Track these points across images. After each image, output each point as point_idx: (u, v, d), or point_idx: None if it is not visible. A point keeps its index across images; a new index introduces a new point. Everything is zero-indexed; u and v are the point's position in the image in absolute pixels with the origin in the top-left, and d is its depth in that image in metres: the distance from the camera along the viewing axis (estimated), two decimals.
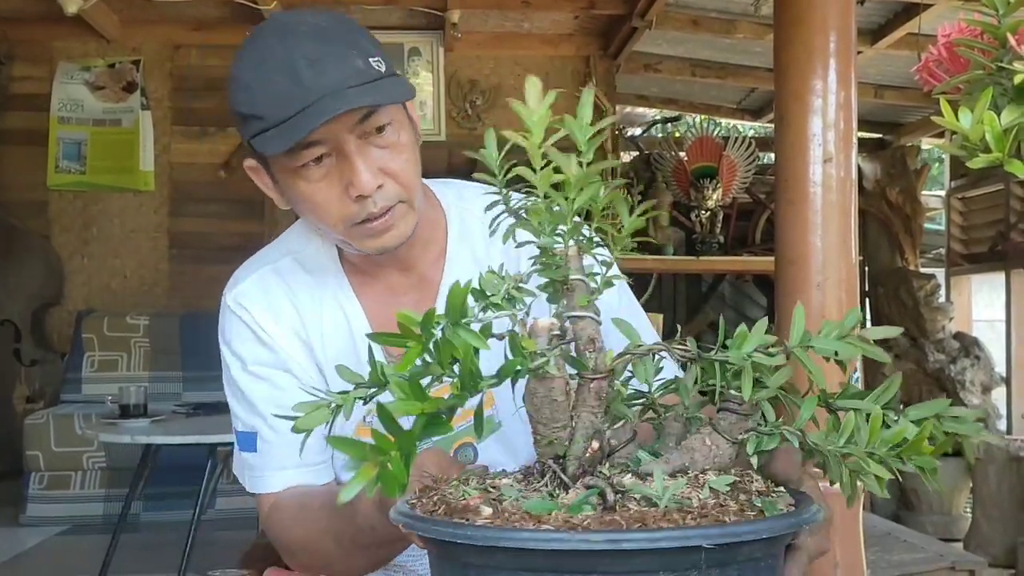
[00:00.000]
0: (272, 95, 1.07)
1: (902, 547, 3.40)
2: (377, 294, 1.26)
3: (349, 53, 1.09)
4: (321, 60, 1.07)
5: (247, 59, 1.11)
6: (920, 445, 0.75)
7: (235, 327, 1.25)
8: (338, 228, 1.15)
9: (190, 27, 5.36)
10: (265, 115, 1.08)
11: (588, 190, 0.81)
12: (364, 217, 1.13)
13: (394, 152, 1.13)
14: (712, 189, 5.53)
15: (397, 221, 1.15)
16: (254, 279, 1.27)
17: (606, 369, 0.81)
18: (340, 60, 1.08)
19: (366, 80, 1.08)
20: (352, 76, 1.07)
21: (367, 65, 1.09)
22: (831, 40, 2.19)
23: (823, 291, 2.19)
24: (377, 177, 1.11)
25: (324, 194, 1.12)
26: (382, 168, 1.12)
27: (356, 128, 1.10)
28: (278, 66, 1.07)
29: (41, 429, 4.49)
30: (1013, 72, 0.63)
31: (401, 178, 1.14)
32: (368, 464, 0.61)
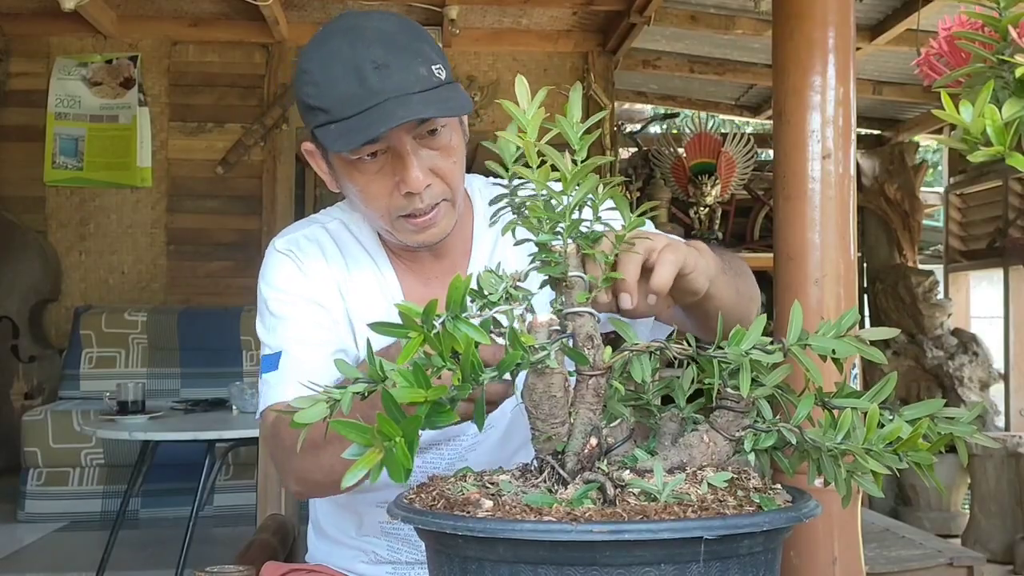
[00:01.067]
0: (339, 93, 1.13)
1: (900, 543, 3.41)
2: (412, 278, 1.32)
3: (414, 60, 1.15)
4: (387, 65, 1.13)
5: (316, 55, 1.17)
6: (915, 443, 0.76)
7: (280, 263, 1.30)
8: (384, 218, 1.22)
9: (187, 23, 5.35)
10: (331, 110, 1.14)
11: (584, 186, 0.81)
12: (410, 212, 1.19)
13: (445, 154, 1.20)
14: (711, 185, 5.53)
15: (440, 219, 1.22)
16: (306, 232, 1.33)
17: (604, 366, 0.81)
18: (405, 66, 1.14)
19: (428, 87, 1.15)
20: (415, 82, 1.14)
21: (430, 72, 1.16)
22: (830, 36, 2.19)
23: (821, 287, 2.19)
24: (427, 176, 1.18)
25: (376, 187, 1.19)
26: (432, 168, 1.19)
27: (414, 131, 1.17)
28: (346, 67, 1.13)
29: (39, 425, 4.49)
30: (1014, 65, 0.62)
31: (449, 179, 1.21)
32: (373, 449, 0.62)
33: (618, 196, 0.86)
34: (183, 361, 4.81)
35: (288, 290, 1.29)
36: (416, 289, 1.31)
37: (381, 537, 1.34)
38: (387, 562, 1.34)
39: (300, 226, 1.36)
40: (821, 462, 0.80)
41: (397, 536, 1.33)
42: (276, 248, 1.32)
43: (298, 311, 1.27)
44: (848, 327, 0.82)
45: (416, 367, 0.69)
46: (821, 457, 0.80)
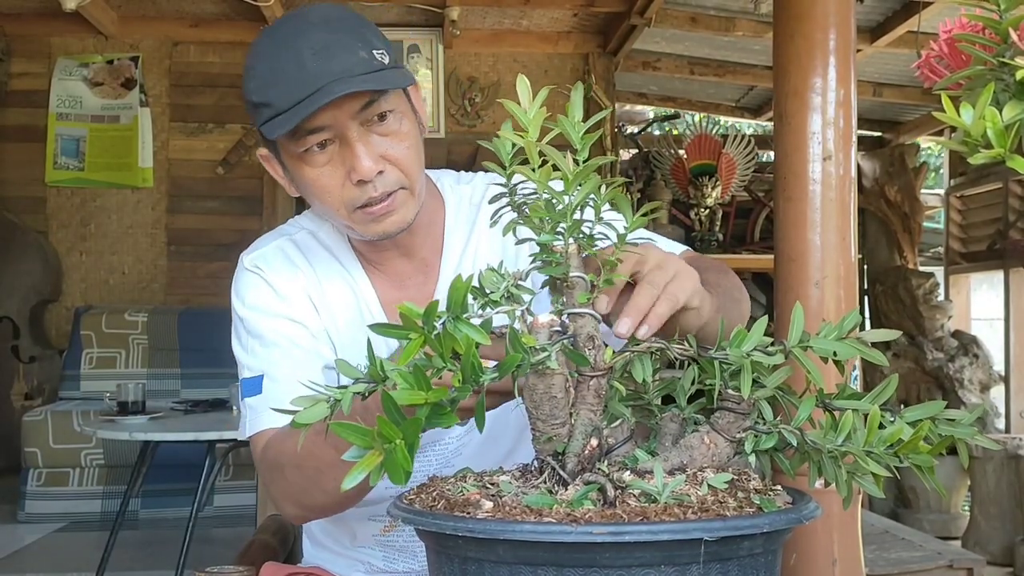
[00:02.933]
0: (280, 83, 1.12)
1: (900, 545, 3.40)
2: (385, 280, 1.30)
3: (354, 44, 1.13)
4: (327, 48, 1.11)
5: (259, 50, 1.16)
6: (916, 445, 0.76)
7: (250, 282, 1.28)
8: (341, 212, 1.19)
9: (188, 23, 5.36)
10: (273, 102, 1.12)
11: (586, 186, 0.81)
12: (365, 201, 1.16)
13: (395, 139, 1.17)
14: (711, 187, 5.53)
15: (398, 207, 1.19)
16: (273, 246, 1.31)
17: (605, 366, 0.81)
18: (345, 49, 1.12)
19: (369, 70, 1.13)
20: (356, 65, 1.12)
21: (371, 56, 1.14)
22: (831, 38, 2.19)
23: (822, 289, 2.19)
24: (378, 163, 1.15)
25: (327, 179, 1.17)
26: (383, 154, 1.16)
27: (358, 115, 1.14)
28: (287, 56, 1.12)
29: (39, 426, 4.49)
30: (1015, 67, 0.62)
31: (402, 164, 1.17)
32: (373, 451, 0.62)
33: (620, 197, 0.86)
34: (183, 361, 4.81)
35: (263, 308, 1.26)
36: (390, 292, 1.29)
37: (376, 548, 1.33)
38: (383, 572, 1.34)
39: (267, 240, 1.33)
40: (822, 463, 0.80)
41: (393, 546, 1.32)
42: (245, 266, 1.29)
43: (275, 330, 1.25)
44: (849, 329, 0.82)
45: (416, 368, 0.69)
46: (822, 459, 0.80)
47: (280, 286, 1.27)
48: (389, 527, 1.29)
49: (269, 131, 1.13)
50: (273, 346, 1.24)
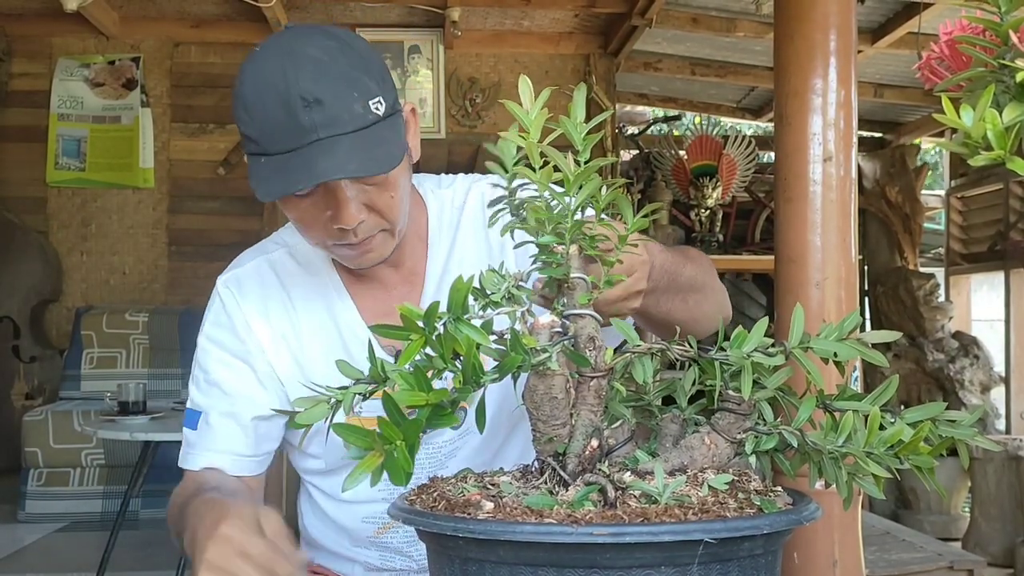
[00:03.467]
0: (268, 125, 1.08)
1: (901, 546, 3.40)
2: (370, 291, 1.29)
3: (348, 94, 1.08)
4: (319, 101, 1.06)
5: (250, 79, 1.11)
6: (916, 446, 0.76)
7: (215, 310, 1.30)
8: (319, 244, 1.19)
9: (189, 24, 5.36)
10: (260, 141, 1.10)
11: (587, 187, 0.81)
12: (345, 241, 1.16)
13: (381, 189, 1.14)
14: (712, 188, 5.53)
15: (376, 246, 1.18)
16: (249, 268, 1.31)
17: (606, 367, 0.81)
18: (337, 99, 1.07)
19: (361, 126, 1.08)
20: (348, 121, 1.08)
21: (365, 108, 1.09)
22: (831, 39, 2.19)
23: (823, 290, 2.19)
24: (360, 212, 1.14)
25: (309, 217, 1.15)
26: (367, 203, 1.14)
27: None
28: (276, 97, 1.07)
29: (40, 426, 4.49)
30: (1015, 69, 0.62)
31: (386, 213, 1.16)
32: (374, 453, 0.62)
33: (621, 198, 0.86)
34: (184, 362, 4.81)
35: (217, 343, 1.28)
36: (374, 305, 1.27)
37: (372, 548, 1.34)
38: (380, 569, 1.34)
39: (246, 258, 1.33)
40: (822, 464, 0.80)
41: (388, 547, 1.33)
42: (218, 288, 1.30)
43: (219, 372, 1.27)
44: (850, 330, 0.82)
45: (417, 369, 0.69)
46: (822, 460, 0.80)
47: (240, 321, 1.27)
48: (383, 529, 1.29)
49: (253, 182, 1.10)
50: (214, 386, 1.27)
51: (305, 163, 1.06)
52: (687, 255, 1.17)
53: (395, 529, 1.29)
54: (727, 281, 6.13)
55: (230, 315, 1.28)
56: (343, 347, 1.26)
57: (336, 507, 1.34)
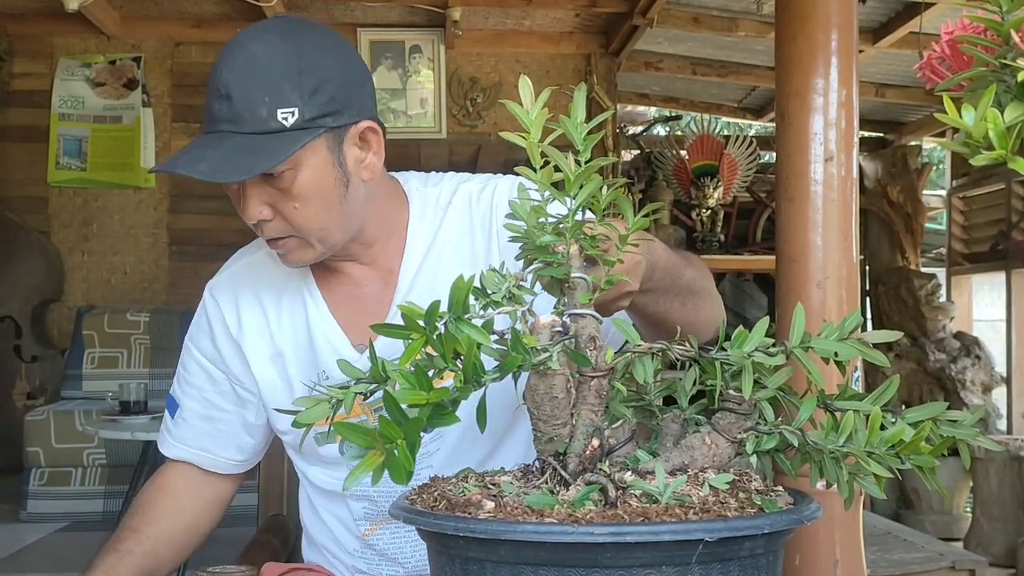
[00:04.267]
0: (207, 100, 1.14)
1: (902, 546, 3.40)
2: (341, 286, 1.30)
3: (259, 98, 1.10)
4: (229, 97, 1.10)
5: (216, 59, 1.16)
6: (917, 446, 0.76)
7: (199, 314, 1.36)
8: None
9: (190, 24, 5.36)
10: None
11: (588, 187, 0.81)
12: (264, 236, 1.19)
13: (287, 195, 1.14)
14: (713, 188, 5.53)
15: (292, 250, 1.20)
16: (228, 273, 1.36)
17: (606, 367, 0.81)
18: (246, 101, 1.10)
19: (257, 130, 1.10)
20: (249, 122, 1.10)
21: (271, 115, 1.10)
22: (833, 38, 2.19)
23: (824, 290, 2.18)
24: (262, 212, 1.15)
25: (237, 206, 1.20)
26: (271, 204, 1.16)
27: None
28: (210, 80, 1.13)
29: (41, 425, 4.49)
30: (1016, 69, 0.62)
31: (294, 221, 1.16)
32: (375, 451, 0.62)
33: (622, 198, 0.86)
34: None
35: (196, 346, 1.36)
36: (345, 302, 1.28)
37: (360, 551, 1.34)
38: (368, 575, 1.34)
39: (231, 261, 1.39)
40: (823, 464, 0.80)
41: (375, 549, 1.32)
42: (205, 292, 1.36)
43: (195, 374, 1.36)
44: (851, 330, 0.82)
45: (418, 368, 0.69)
46: (823, 459, 0.80)
47: (218, 329, 1.33)
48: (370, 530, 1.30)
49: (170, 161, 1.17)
50: (192, 387, 1.37)
51: (197, 148, 1.12)
52: (688, 259, 1.17)
53: (383, 530, 1.29)
54: (728, 281, 6.15)
55: (210, 322, 1.34)
56: (310, 345, 1.28)
57: (328, 501, 1.35)
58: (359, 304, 1.27)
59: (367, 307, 1.27)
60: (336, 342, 1.27)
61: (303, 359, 1.29)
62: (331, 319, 1.28)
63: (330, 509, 1.35)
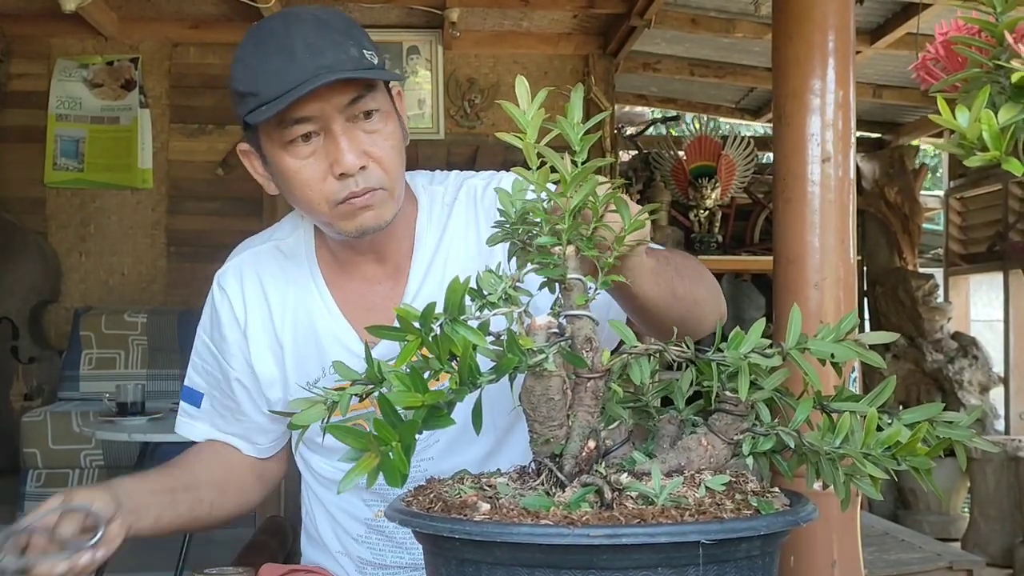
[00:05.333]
0: (268, 72, 1.13)
1: (900, 547, 3.40)
2: (351, 283, 1.30)
3: (345, 42, 1.15)
4: (317, 44, 1.13)
5: (249, 41, 1.17)
6: (914, 447, 0.76)
7: (209, 304, 1.37)
8: (321, 207, 1.19)
9: (188, 25, 5.35)
10: (260, 91, 1.13)
11: (584, 187, 0.81)
12: (345, 196, 1.17)
13: (379, 138, 1.18)
14: (711, 188, 5.53)
15: (376, 204, 1.19)
16: (237, 262, 1.37)
17: (603, 368, 0.81)
18: (335, 46, 1.14)
19: (359, 67, 1.14)
20: (347, 61, 1.13)
21: (361, 55, 1.15)
22: (830, 39, 2.19)
23: (821, 290, 2.19)
24: (361, 158, 1.16)
25: (309, 171, 1.17)
26: (367, 151, 1.17)
27: (345, 109, 1.15)
28: (277, 47, 1.13)
29: (38, 427, 4.48)
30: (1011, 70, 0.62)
31: (384, 163, 1.18)
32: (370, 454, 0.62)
33: (619, 199, 0.86)
34: (183, 363, 4.77)
35: (207, 336, 1.37)
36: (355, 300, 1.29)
37: (367, 538, 1.34)
38: (373, 564, 1.34)
39: (238, 251, 1.39)
40: (820, 466, 0.80)
41: (382, 533, 1.33)
42: (214, 282, 1.37)
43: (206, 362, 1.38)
44: (847, 331, 0.82)
45: (413, 371, 0.69)
46: (820, 461, 0.80)
47: (226, 318, 1.34)
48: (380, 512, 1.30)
49: (256, 118, 1.13)
50: (207, 374, 1.38)
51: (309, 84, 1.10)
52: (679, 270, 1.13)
53: None
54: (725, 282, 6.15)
55: (217, 312, 1.35)
56: (315, 341, 1.29)
57: (334, 491, 1.35)
58: (368, 301, 1.29)
59: (377, 304, 1.28)
60: (345, 339, 1.28)
61: (302, 355, 1.30)
62: (340, 316, 1.29)
63: (336, 498, 1.35)
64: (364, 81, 1.15)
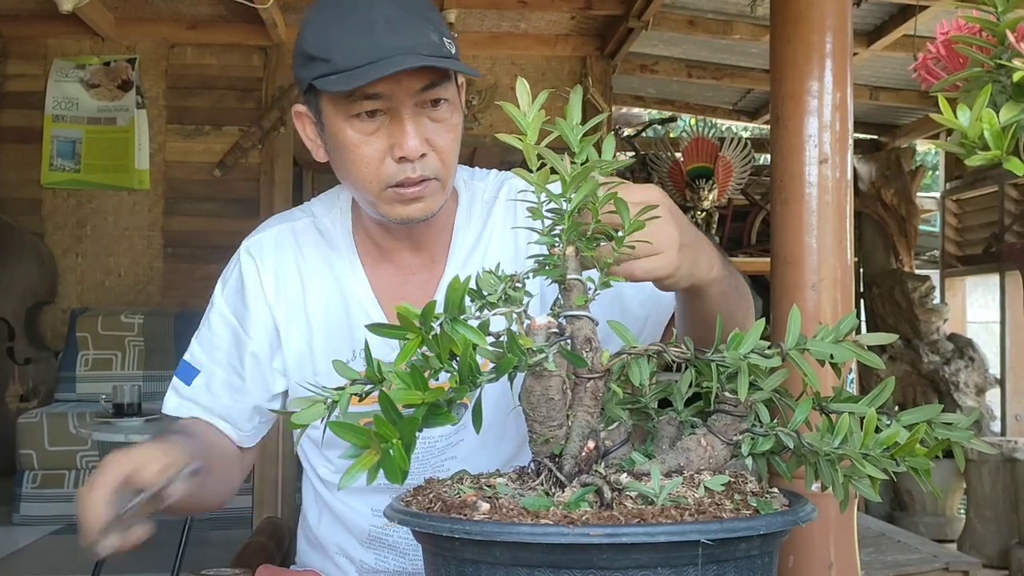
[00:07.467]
0: (345, 43, 1.11)
1: (896, 548, 3.41)
2: (387, 272, 1.29)
3: (425, 26, 1.13)
4: (398, 23, 1.11)
5: (326, 6, 1.15)
6: (912, 448, 0.76)
7: (233, 272, 1.32)
8: (372, 186, 1.17)
9: (185, 25, 5.35)
10: (333, 59, 1.11)
11: (584, 188, 0.81)
12: (400, 181, 1.16)
13: (444, 128, 1.17)
14: (708, 190, 5.53)
15: (428, 195, 1.18)
16: (272, 233, 1.33)
17: (602, 369, 0.81)
18: (415, 29, 1.12)
19: (437, 54, 1.12)
20: (426, 46, 1.12)
21: (440, 41, 1.14)
22: (827, 41, 2.19)
23: (818, 292, 2.19)
24: (423, 146, 1.15)
25: (369, 148, 1.15)
26: (429, 139, 1.16)
27: (417, 95, 1.14)
28: (356, 19, 1.12)
29: (35, 428, 4.48)
30: (1012, 69, 0.62)
31: (444, 154, 1.17)
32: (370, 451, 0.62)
33: (618, 200, 0.86)
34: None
35: (227, 305, 1.31)
36: (391, 286, 1.28)
37: (373, 546, 1.34)
38: (375, 571, 1.34)
39: (272, 223, 1.36)
40: (818, 466, 0.80)
41: (383, 543, 1.33)
42: (240, 250, 1.33)
43: (223, 335, 1.30)
44: (846, 332, 0.82)
45: (413, 369, 0.69)
46: (818, 461, 0.80)
47: (252, 289, 1.29)
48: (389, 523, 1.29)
49: (325, 86, 1.11)
50: (214, 348, 1.30)
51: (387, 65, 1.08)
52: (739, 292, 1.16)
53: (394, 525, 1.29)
54: None
55: (244, 282, 1.30)
56: (347, 323, 1.28)
57: (343, 500, 1.34)
58: (403, 290, 1.28)
59: (410, 293, 1.27)
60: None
61: (333, 335, 1.28)
62: (374, 301, 1.27)
63: (344, 500, 1.34)
64: (439, 70, 1.13)
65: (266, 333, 1.29)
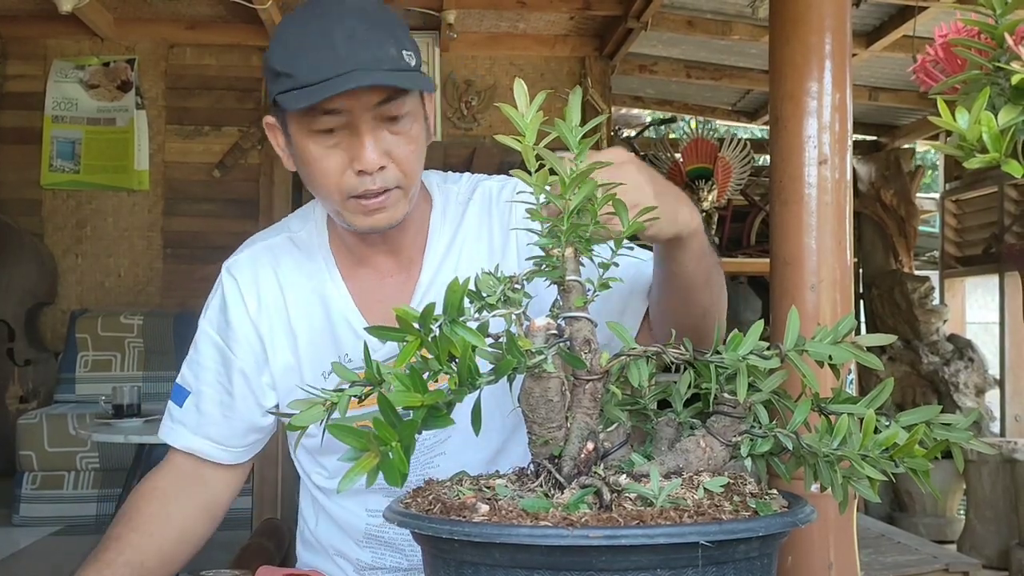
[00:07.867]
0: (307, 59, 1.13)
1: (896, 549, 3.40)
2: (364, 276, 1.32)
3: (386, 39, 1.15)
4: (359, 37, 1.13)
5: (292, 22, 1.17)
6: (911, 449, 0.76)
7: (216, 294, 1.36)
8: (335, 197, 1.20)
9: (185, 26, 5.35)
10: (296, 74, 1.13)
11: (583, 189, 0.81)
12: (360, 192, 1.18)
13: (403, 140, 1.19)
14: (707, 191, 5.53)
15: (390, 205, 1.20)
16: (248, 253, 1.36)
17: (601, 370, 0.81)
18: (376, 42, 1.14)
19: (396, 68, 1.14)
20: (384, 60, 1.14)
21: (399, 55, 1.15)
22: (826, 42, 2.19)
23: (817, 293, 2.19)
24: (382, 158, 1.17)
25: (329, 162, 1.18)
26: (388, 151, 1.18)
27: (375, 109, 1.15)
28: (319, 34, 1.14)
29: (34, 429, 4.47)
30: (1010, 72, 0.63)
31: (404, 166, 1.19)
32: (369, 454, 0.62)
33: (618, 201, 0.86)
34: (179, 365, 4.76)
35: (212, 327, 1.34)
36: (368, 291, 1.31)
37: (369, 545, 1.34)
38: (372, 567, 1.34)
39: (250, 242, 1.38)
40: (818, 467, 0.80)
41: (380, 540, 1.34)
42: (221, 272, 1.36)
43: (210, 356, 1.34)
44: (845, 333, 0.82)
45: (413, 371, 0.69)
46: (817, 463, 0.80)
47: (235, 308, 1.32)
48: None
49: (286, 102, 1.14)
50: (203, 369, 1.34)
51: (344, 81, 1.11)
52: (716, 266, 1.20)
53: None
54: None
55: (226, 301, 1.33)
56: (330, 330, 1.30)
57: (339, 503, 1.35)
58: (380, 293, 1.30)
59: (388, 296, 1.29)
60: (359, 328, 1.29)
61: (318, 344, 1.30)
62: (353, 306, 1.30)
63: (339, 503, 1.36)
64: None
65: (251, 349, 1.32)
